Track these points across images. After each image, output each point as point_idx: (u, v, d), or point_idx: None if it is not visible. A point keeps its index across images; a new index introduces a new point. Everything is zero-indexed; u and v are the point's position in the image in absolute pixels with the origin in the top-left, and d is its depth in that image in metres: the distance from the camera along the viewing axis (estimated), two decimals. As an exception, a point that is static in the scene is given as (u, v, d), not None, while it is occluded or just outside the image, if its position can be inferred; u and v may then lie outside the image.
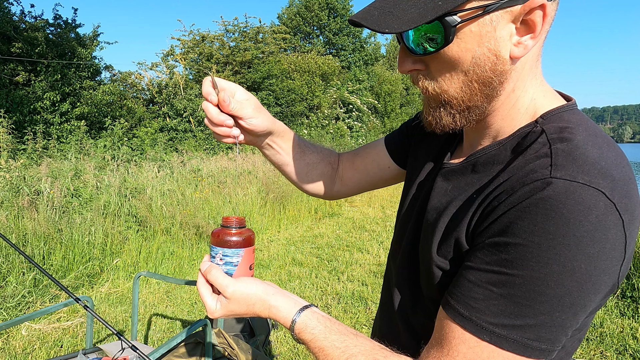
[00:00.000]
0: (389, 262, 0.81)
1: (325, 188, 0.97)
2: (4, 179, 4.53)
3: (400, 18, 0.49)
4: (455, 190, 0.61)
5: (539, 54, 0.56)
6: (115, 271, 3.87)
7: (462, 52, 0.51)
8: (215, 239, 0.64)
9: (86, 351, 1.80)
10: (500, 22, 0.50)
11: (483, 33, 0.50)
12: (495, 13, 0.49)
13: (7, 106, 8.22)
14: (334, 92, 16.53)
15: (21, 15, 9.55)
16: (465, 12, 0.48)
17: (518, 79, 0.55)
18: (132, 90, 12.21)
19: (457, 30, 0.50)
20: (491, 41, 0.50)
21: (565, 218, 0.44)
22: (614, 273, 0.47)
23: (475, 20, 0.49)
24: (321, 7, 23.72)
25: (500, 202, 0.50)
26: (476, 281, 0.50)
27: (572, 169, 0.46)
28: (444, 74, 0.54)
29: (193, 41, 12.73)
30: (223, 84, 0.71)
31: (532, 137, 0.53)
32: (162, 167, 6.76)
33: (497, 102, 0.57)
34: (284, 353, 2.66)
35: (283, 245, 5.03)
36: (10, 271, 3.30)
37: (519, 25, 0.50)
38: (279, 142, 0.86)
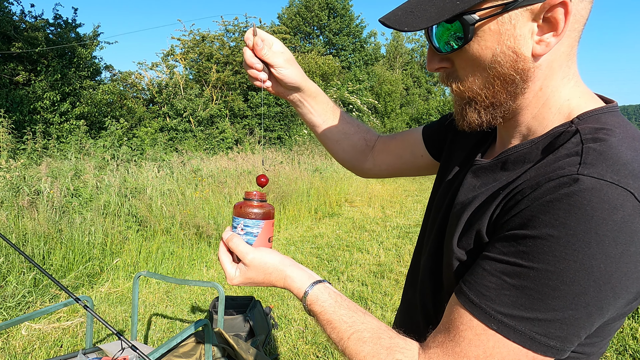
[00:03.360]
0: (414, 257, 0.81)
1: (355, 161, 1.01)
2: (4, 179, 4.53)
3: (420, 17, 0.52)
4: (482, 187, 0.61)
5: (571, 54, 0.54)
6: (115, 271, 3.87)
7: (483, 50, 0.52)
8: (238, 210, 0.68)
9: (86, 351, 1.80)
10: (520, 20, 0.50)
11: (502, 31, 0.51)
12: (515, 11, 0.49)
13: (7, 106, 8.22)
14: (334, 92, 16.53)
15: (21, 15, 9.56)
16: (483, 10, 0.50)
17: (545, 77, 0.54)
18: (132, 90, 12.21)
19: (476, 29, 0.51)
20: (511, 39, 0.51)
21: (588, 215, 0.43)
22: (639, 278, 0.45)
23: (494, 19, 0.50)
24: (321, 7, 23.71)
25: (524, 195, 0.49)
26: (491, 270, 0.49)
27: (601, 167, 0.45)
28: (468, 71, 0.55)
29: (193, 41, 12.73)
30: (263, 34, 0.78)
31: (566, 136, 0.53)
32: (162, 167, 6.76)
33: (524, 100, 0.56)
34: (284, 353, 2.66)
35: (283, 245, 5.03)
36: (10, 271, 3.30)
37: (540, 22, 0.50)
38: (310, 102, 0.91)
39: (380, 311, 3.17)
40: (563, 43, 0.52)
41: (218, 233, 4.89)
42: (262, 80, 0.81)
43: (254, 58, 0.79)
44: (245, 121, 12.48)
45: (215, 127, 11.73)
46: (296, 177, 7.48)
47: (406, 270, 4.05)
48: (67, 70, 9.42)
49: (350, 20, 24.54)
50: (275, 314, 3.17)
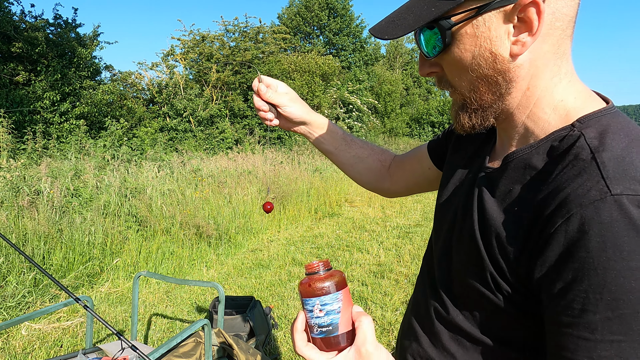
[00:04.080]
0: (423, 263, 0.81)
1: (375, 182, 1.05)
2: (4, 179, 4.53)
3: (399, 26, 0.55)
4: (496, 200, 0.59)
5: (558, 53, 0.54)
6: (115, 271, 3.87)
7: (463, 53, 0.54)
8: (307, 289, 0.57)
9: (86, 351, 1.80)
10: (494, 22, 0.51)
11: (478, 34, 0.52)
12: (489, 14, 0.51)
13: (7, 106, 8.22)
14: (334, 92, 16.53)
15: (21, 15, 9.55)
16: (458, 15, 0.51)
17: (531, 77, 0.54)
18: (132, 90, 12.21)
19: (453, 33, 0.53)
20: (487, 41, 0.52)
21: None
22: None
23: (469, 22, 0.52)
24: (321, 7, 23.72)
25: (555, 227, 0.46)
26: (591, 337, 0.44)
27: (627, 182, 0.44)
28: (454, 75, 0.57)
29: (193, 41, 12.73)
30: (267, 80, 0.89)
31: (569, 141, 0.52)
32: (162, 167, 6.76)
33: (512, 101, 0.56)
34: (284, 353, 2.66)
35: (283, 245, 5.03)
36: (10, 271, 3.30)
37: (515, 23, 0.51)
38: (319, 132, 0.98)
39: (380, 311, 3.18)
40: (545, 42, 0.52)
41: (218, 233, 4.90)
42: (269, 119, 0.91)
43: (261, 102, 0.88)
44: (245, 121, 12.48)
45: (215, 127, 11.73)
46: (296, 177, 7.48)
47: (406, 270, 4.05)
48: (67, 70, 9.42)
49: (351, 20, 24.54)
50: (275, 314, 3.17)
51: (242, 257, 4.63)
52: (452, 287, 0.65)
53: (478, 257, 0.58)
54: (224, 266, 4.34)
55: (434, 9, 0.52)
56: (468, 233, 0.61)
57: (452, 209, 0.69)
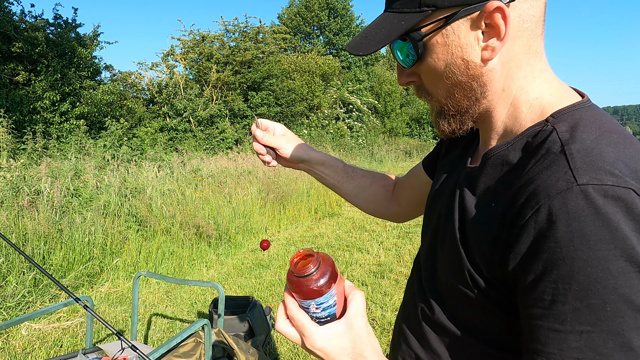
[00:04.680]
0: (413, 265, 0.82)
1: (382, 208, 1.07)
2: (4, 179, 4.53)
3: (371, 41, 0.56)
4: (476, 198, 0.60)
5: (530, 53, 0.55)
6: (115, 271, 3.87)
7: (436, 62, 0.55)
8: (302, 290, 0.55)
9: (86, 351, 1.80)
10: (462, 30, 0.52)
11: (449, 42, 0.53)
12: (456, 22, 0.52)
13: (7, 106, 8.22)
14: (334, 92, 16.53)
15: (21, 15, 9.55)
16: (427, 26, 0.53)
17: (505, 78, 0.55)
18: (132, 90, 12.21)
19: (425, 44, 0.55)
20: (458, 49, 0.53)
21: (610, 224, 0.42)
22: None
23: (438, 32, 0.53)
24: (321, 7, 23.72)
25: (525, 218, 0.47)
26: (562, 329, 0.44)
27: (594, 172, 0.44)
28: (431, 83, 0.59)
29: (193, 41, 12.72)
30: (265, 123, 0.94)
31: (542, 135, 0.52)
32: (162, 167, 6.76)
33: (489, 103, 0.58)
34: (284, 353, 2.66)
35: (283, 245, 5.03)
36: (10, 271, 3.30)
37: (484, 29, 0.52)
38: (320, 168, 1.01)
39: (381, 311, 3.18)
40: (515, 44, 0.53)
41: (218, 233, 4.90)
42: (268, 162, 0.94)
43: (259, 146, 0.93)
44: (245, 121, 12.47)
45: (215, 127, 11.72)
46: (296, 177, 7.48)
47: (406, 270, 4.05)
48: (67, 70, 9.42)
49: (351, 21, 24.54)
50: (275, 314, 3.17)
51: (242, 257, 4.63)
52: (438, 288, 0.66)
53: (457, 256, 0.58)
54: (224, 266, 4.34)
55: (403, 22, 0.53)
56: (450, 234, 0.62)
57: (437, 211, 0.70)
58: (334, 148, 13.18)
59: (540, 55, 0.56)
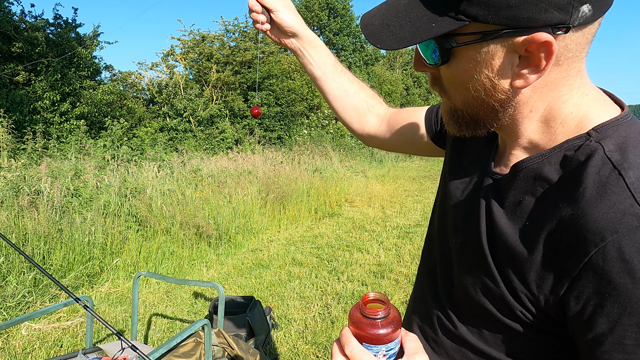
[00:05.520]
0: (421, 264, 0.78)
1: (356, 123, 1.00)
2: (4, 179, 4.53)
3: (395, 35, 0.51)
4: (505, 212, 0.55)
5: (567, 77, 0.50)
6: (115, 271, 3.87)
7: (460, 73, 0.51)
8: (371, 335, 0.53)
9: (86, 351, 1.80)
10: (499, 51, 0.47)
11: (480, 59, 0.48)
12: (494, 42, 0.47)
13: (7, 106, 8.22)
14: (334, 92, 16.50)
15: (21, 15, 9.55)
16: (462, 36, 0.48)
17: (535, 102, 0.51)
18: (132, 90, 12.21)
19: (453, 52, 0.50)
20: (489, 68, 0.48)
21: None
22: None
23: (472, 46, 0.48)
24: (321, 7, 23.73)
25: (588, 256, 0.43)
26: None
27: None
28: (449, 86, 0.55)
29: (193, 41, 12.73)
30: None
31: (586, 151, 0.48)
32: (162, 167, 6.76)
33: (512, 121, 0.54)
34: (284, 353, 2.66)
35: (283, 245, 5.03)
36: (10, 271, 3.30)
37: (523, 54, 0.47)
38: (310, 51, 0.92)
39: (380, 311, 3.17)
40: (553, 71, 0.49)
41: (218, 233, 4.90)
42: (261, 22, 0.86)
43: (254, 1, 0.85)
44: (245, 121, 12.48)
45: (215, 127, 11.73)
46: (296, 177, 7.48)
47: (406, 270, 4.05)
48: (67, 70, 9.42)
49: (351, 21, 24.54)
50: (275, 314, 3.17)
51: (242, 257, 4.63)
52: (455, 297, 0.63)
53: (487, 273, 0.55)
54: (224, 266, 4.34)
55: (434, 24, 0.48)
56: (474, 244, 0.58)
57: (454, 213, 0.65)
58: (334, 148, 13.18)
59: (581, 71, 0.51)
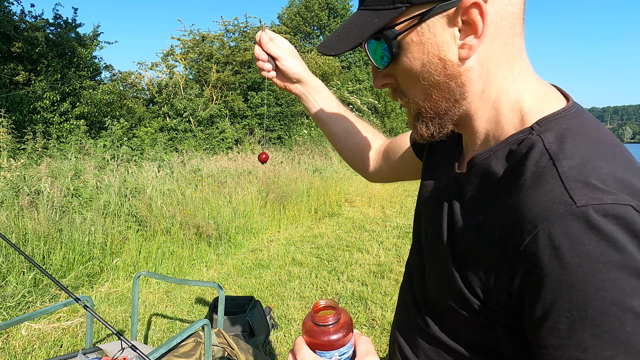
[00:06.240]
0: (405, 269, 0.81)
1: (359, 162, 1.03)
2: (4, 179, 4.53)
3: (345, 40, 0.55)
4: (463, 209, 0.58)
5: (508, 53, 0.52)
6: (115, 271, 3.87)
7: (412, 62, 0.53)
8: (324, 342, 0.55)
9: (86, 351, 1.80)
10: (438, 28, 0.50)
11: (424, 41, 0.51)
12: (432, 19, 0.49)
13: (7, 106, 8.22)
14: (334, 92, 16.52)
15: (21, 15, 9.55)
16: (401, 24, 0.50)
17: (485, 79, 0.53)
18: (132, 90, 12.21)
19: (399, 42, 0.52)
20: (434, 47, 0.51)
21: (618, 245, 0.41)
22: None
23: (413, 30, 0.50)
24: (321, 7, 23.72)
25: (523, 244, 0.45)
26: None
27: (590, 192, 0.43)
28: (407, 85, 0.56)
29: (193, 41, 12.73)
30: (271, 34, 0.89)
31: (527, 144, 0.50)
32: (162, 167, 6.76)
33: (469, 105, 0.55)
34: (284, 353, 2.66)
35: (283, 245, 5.03)
36: (10, 271, 3.30)
37: (460, 26, 0.49)
38: (314, 95, 0.97)
39: (380, 311, 3.18)
40: (493, 42, 0.51)
41: (218, 233, 4.90)
42: (267, 70, 0.90)
43: (260, 50, 0.89)
44: (245, 121, 12.48)
45: (215, 127, 11.73)
46: (296, 177, 7.48)
47: (406, 270, 4.05)
48: (67, 70, 9.43)
49: (350, 20, 24.54)
50: (275, 314, 3.17)
51: (242, 257, 4.63)
52: (429, 298, 0.65)
53: (448, 270, 0.57)
54: (224, 266, 4.34)
55: (377, 20, 0.51)
56: (438, 243, 0.60)
57: (425, 214, 0.69)
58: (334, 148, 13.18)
59: (521, 54, 0.54)
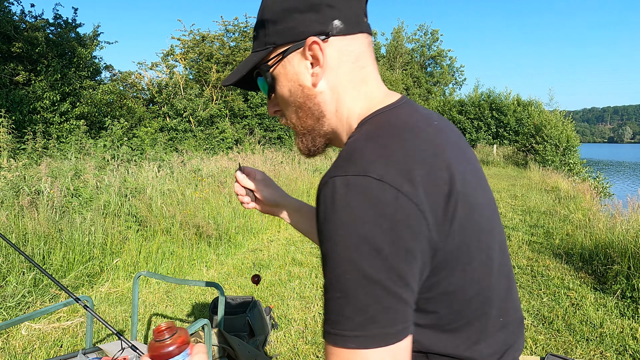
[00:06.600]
0: None
1: None
2: (4, 179, 4.53)
3: (235, 73, 0.72)
4: None
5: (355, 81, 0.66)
6: (115, 271, 3.87)
7: (282, 89, 0.68)
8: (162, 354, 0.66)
9: (86, 351, 1.80)
10: (295, 61, 0.65)
11: (287, 71, 0.67)
12: (290, 55, 0.65)
13: (7, 106, 8.21)
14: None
15: (21, 15, 9.55)
16: (271, 60, 0.67)
17: (337, 100, 0.67)
18: (132, 90, 12.21)
19: (272, 74, 0.68)
20: (295, 76, 0.66)
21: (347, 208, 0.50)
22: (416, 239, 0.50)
23: (279, 64, 0.67)
24: (321, 7, 23.67)
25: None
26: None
27: (346, 166, 0.53)
28: (284, 109, 0.72)
29: (193, 41, 12.72)
30: (248, 169, 1.01)
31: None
32: (162, 167, 6.76)
33: (330, 122, 0.69)
34: (284, 353, 2.66)
35: (283, 245, 5.03)
36: (10, 271, 3.30)
37: (310, 59, 0.64)
38: (296, 215, 1.09)
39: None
40: (340, 72, 0.65)
41: (218, 233, 4.90)
42: (246, 202, 1.02)
43: (239, 187, 1.01)
44: (245, 121, 12.48)
45: (215, 127, 11.73)
46: (296, 177, 7.48)
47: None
48: (67, 70, 9.42)
49: (350, 20, 24.50)
50: (275, 314, 3.17)
51: (242, 257, 4.63)
52: None
53: None
54: (224, 266, 4.34)
55: (255, 58, 0.68)
56: None
57: None
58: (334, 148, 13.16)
59: (368, 81, 0.67)
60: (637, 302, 3.19)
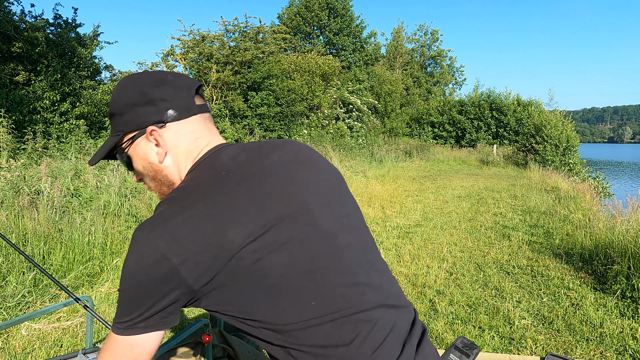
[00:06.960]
0: None
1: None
2: (4, 179, 4.53)
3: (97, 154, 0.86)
4: None
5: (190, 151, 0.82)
6: (116, 271, 3.87)
7: (137, 165, 0.85)
8: None
9: (86, 351, 1.80)
10: (143, 144, 0.82)
11: (137, 152, 0.83)
12: (138, 139, 0.82)
13: (7, 106, 8.21)
14: (334, 92, 16.53)
15: (21, 15, 9.55)
16: (124, 143, 0.83)
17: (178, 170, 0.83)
18: (132, 90, 12.20)
19: (127, 155, 0.85)
20: (144, 154, 0.83)
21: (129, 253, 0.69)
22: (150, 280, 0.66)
23: (131, 146, 0.83)
24: (321, 7, 23.71)
25: None
26: None
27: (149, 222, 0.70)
28: (144, 179, 0.88)
29: (193, 41, 12.72)
30: None
31: None
32: (162, 167, 6.75)
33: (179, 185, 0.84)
34: (283, 353, 2.66)
35: (283, 245, 5.02)
36: (10, 271, 3.30)
37: (153, 142, 0.81)
38: None
39: (380, 311, 3.17)
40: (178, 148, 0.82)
41: (218, 233, 4.89)
42: None
43: None
44: (245, 121, 12.48)
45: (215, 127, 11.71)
46: (296, 177, 7.46)
47: (406, 270, 4.05)
48: (67, 70, 9.42)
49: (351, 21, 24.53)
50: (275, 314, 3.17)
51: (242, 257, 4.63)
52: None
53: None
54: (224, 266, 4.34)
55: (111, 142, 0.84)
56: None
57: None
58: (334, 148, 13.18)
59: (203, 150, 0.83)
60: (637, 302, 3.19)
